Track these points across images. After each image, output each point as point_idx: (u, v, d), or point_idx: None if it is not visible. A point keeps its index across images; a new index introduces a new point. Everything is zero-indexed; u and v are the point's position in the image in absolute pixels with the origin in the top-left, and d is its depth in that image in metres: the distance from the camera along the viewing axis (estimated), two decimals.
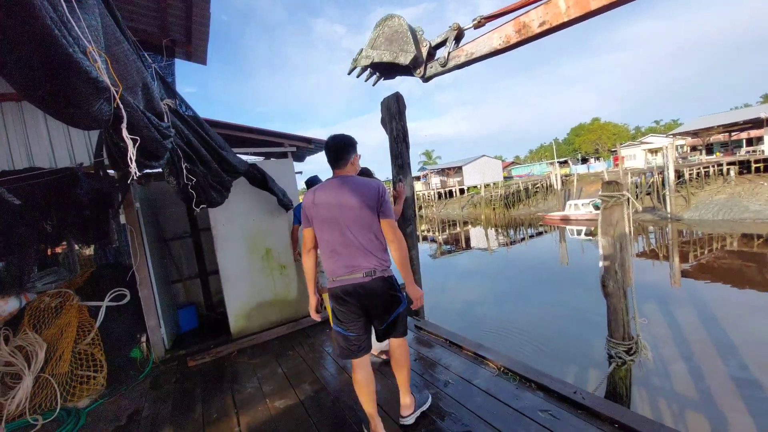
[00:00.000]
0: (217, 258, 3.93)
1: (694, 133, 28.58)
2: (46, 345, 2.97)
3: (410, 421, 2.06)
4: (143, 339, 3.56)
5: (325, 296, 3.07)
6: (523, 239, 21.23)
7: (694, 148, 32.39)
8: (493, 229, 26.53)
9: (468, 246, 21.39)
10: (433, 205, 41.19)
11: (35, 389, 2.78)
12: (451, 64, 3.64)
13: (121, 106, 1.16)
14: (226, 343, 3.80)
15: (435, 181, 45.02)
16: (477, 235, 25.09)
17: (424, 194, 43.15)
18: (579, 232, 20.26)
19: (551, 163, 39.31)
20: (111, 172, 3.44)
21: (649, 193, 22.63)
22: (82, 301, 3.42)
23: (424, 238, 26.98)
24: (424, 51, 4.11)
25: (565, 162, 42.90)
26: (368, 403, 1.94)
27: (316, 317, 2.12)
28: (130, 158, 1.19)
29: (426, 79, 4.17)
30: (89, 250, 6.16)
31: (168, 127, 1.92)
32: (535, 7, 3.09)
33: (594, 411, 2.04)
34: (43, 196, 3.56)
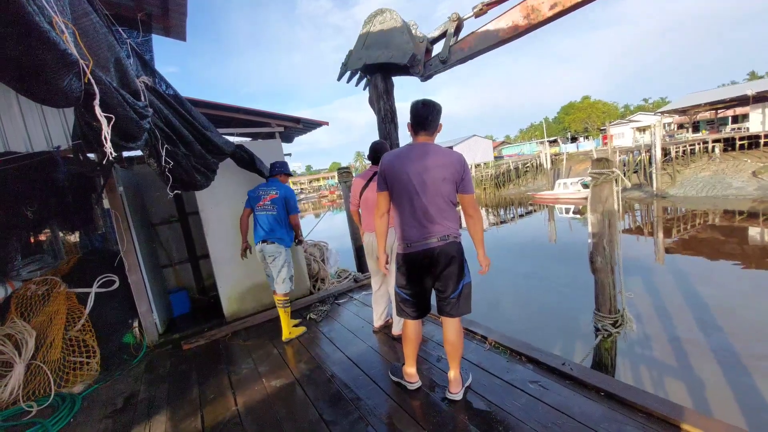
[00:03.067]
0: (207, 242, 3.88)
1: (682, 111, 28.79)
2: (36, 333, 2.93)
3: (459, 396, 2.11)
4: (135, 324, 3.55)
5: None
6: (513, 218, 21.49)
7: (681, 126, 32.73)
8: (483, 208, 26.73)
9: (459, 226, 21.58)
10: None
11: (27, 376, 2.76)
12: (453, 59, 3.50)
13: (92, 81, 1.09)
14: (220, 326, 3.81)
15: None
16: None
17: None
18: (568, 211, 20.60)
19: (541, 143, 39.40)
20: (91, 156, 3.31)
21: (636, 171, 22.96)
22: (69, 288, 3.36)
23: None
24: (422, 47, 3.67)
25: (555, 141, 43.00)
26: (411, 352, 2.22)
27: (385, 270, 2.23)
28: (105, 138, 1.13)
29: (425, 77, 3.80)
30: (74, 237, 6.03)
31: (145, 107, 1.83)
32: None
33: (581, 381, 2.12)
34: (21, 181, 3.42)
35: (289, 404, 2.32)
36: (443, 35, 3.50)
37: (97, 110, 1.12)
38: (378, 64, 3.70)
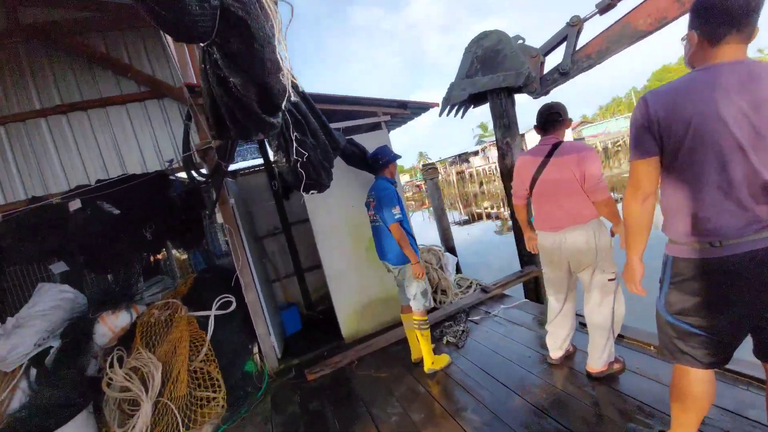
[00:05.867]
0: (320, 253, 3.42)
1: None
2: (161, 365, 2.68)
3: None
4: (255, 349, 3.20)
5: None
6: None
7: None
8: None
9: None
10: (495, 180, 38.65)
11: (155, 416, 2.48)
12: (576, 68, 3.07)
13: None
14: (340, 350, 3.30)
15: (494, 154, 42.14)
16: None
17: (483, 169, 40.72)
18: None
19: (628, 117, 34.27)
20: (197, 174, 3.04)
21: None
22: (189, 312, 3.13)
23: (488, 216, 25.32)
24: (537, 62, 3.28)
25: None
26: (693, 421, 1.35)
27: (640, 290, 1.39)
28: None
29: (541, 94, 3.36)
30: (183, 255, 6.24)
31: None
32: None
33: None
34: (140, 202, 3.32)
35: None
36: (559, 43, 3.14)
37: None
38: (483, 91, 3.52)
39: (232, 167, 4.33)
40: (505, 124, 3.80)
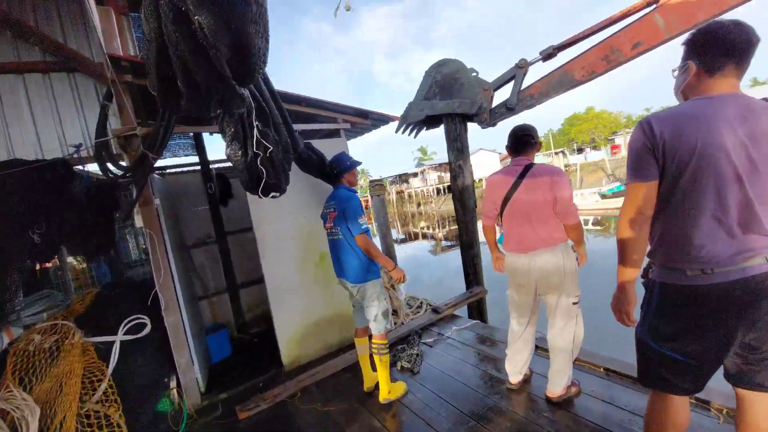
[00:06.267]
0: (263, 265, 3.01)
1: None
2: (40, 409, 2.03)
3: None
4: (173, 384, 2.64)
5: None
6: None
7: None
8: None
9: None
10: (432, 201, 40.42)
11: None
12: (520, 106, 3.37)
13: None
14: (279, 379, 2.90)
15: (432, 177, 44.27)
16: (480, 229, 24.41)
17: (422, 190, 42.43)
18: (587, 222, 19.70)
19: (549, 154, 38.98)
20: (114, 166, 2.49)
21: None
22: (86, 337, 2.48)
23: (423, 236, 26.21)
24: (488, 95, 3.54)
25: (562, 152, 42.52)
26: None
27: (628, 322, 1.33)
28: None
29: (489, 125, 3.63)
30: (83, 264, 5.16)
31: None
32: (623, 29, 2.73)
33: None
34: (27, 196, 2.61)
35: None
36: (507, 81, 3.46)
37: None
38: (438, 114, 3.70)
39: (158, 163, 3.72)
40: (458, 147, 3.92)
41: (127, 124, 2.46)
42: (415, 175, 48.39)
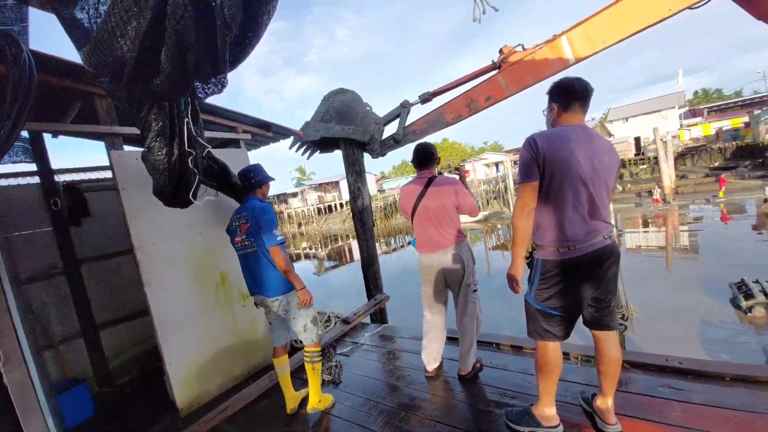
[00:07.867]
0: (148, 295, 2.51)
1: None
2: None
3: (619, 428, 1.73)
4: None
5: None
6: (402, 246, 22.56)
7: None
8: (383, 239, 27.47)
9: (352, 258, 21.18)
10: (313, 221, 40.00)
11: None
12: (406, 139, 4.00)
13: None
14: (176, 427, 2.43)
15: (313, 196, 44.04)
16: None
17: (303, 210, 41.59)
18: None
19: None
20: None
21: (496, 198, 27.77)
22: None
23: (306, 256, 25.75)
24: (379, 128, 4.09)
25: None
26: (554, 385, 1.78)
27: (518, 289, 1.76)
28: None
29: (379, 155, 4.14)
30: None
31: None
32: (479, 85, 3.33)
33: (700, 372, 2.06)
34: None
35: None
36: (394, 118, 3.95)
37: None
38: (332, 139, 3.99)
39: None
40: (357, 170, 4.19)
41: None
42: (294, 195, 47.17)
